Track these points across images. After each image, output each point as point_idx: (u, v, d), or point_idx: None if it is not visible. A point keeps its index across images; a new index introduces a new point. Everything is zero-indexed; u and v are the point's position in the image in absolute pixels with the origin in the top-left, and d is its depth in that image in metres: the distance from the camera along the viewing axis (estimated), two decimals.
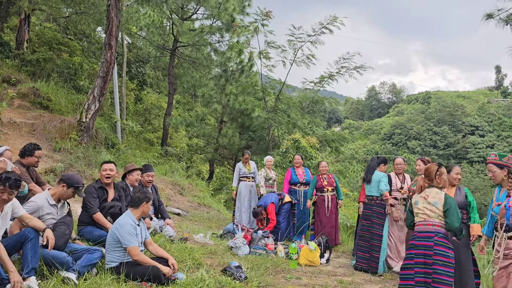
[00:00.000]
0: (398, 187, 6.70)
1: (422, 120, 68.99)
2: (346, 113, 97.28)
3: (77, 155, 9.46)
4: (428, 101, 78.58)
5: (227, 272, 5.01)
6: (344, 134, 20.48)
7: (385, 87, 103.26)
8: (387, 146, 65.65)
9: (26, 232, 3.74)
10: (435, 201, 4.21)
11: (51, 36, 15.56)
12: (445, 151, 62.13)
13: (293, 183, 8.52)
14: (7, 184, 3.55)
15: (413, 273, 4.19)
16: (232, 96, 17.10)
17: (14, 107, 10.89)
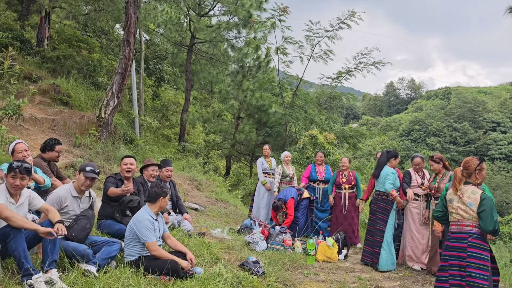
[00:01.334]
0: (418, 183, 6.59)
1: (441, 116, 67.83)
2: (364, 109, 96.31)
3: (96, 150, 9.59)
4: (448, 97, 77.17)
5: (244, 267, 5.00)
6: (362, 130, 20.25)
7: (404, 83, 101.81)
8: (406, 142, 64.80)
9: (45, 225, 3.80)
10: (469, 202, 4.01)
11: (70, 33, 15.80)
12: (466, 148, 61.01)
13: (312, 180, 8.43)
14: (17, 170, 3.67)
15: (447, 275, 4.06)
16: (249, 92, 17.10)
17: (35, 103, 11.09)
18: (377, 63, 17.49)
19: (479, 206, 3.94)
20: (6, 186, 3.73)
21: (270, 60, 17.70)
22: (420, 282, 5.89)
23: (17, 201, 3.76)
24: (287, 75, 19.29)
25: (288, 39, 17.22)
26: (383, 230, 6.39)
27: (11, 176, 3.69)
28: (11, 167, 3.70)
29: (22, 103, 7.38)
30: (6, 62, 8.07)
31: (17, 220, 3.41)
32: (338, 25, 16.68)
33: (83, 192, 4.53)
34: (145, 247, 4.32)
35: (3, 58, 8.32)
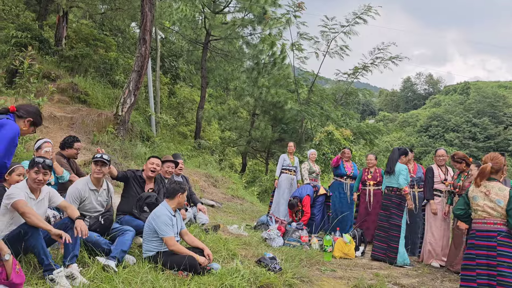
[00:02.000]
0: (442, 179, 6.50)
1: (460, 111, 66.64)
2: (380, 105, 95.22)
3: (114, 148, 9.70)
4: (467, 91, 75.73)
5: (261, 263, 5.00)
6: (378, 126, 20.05)
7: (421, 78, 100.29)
8: (424, 138, 63.89)
9: (66, 220, 3.87)
10: (498, 199, 3.93)
11: (87, 32, 15.98)
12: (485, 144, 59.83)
13: (340, 175, 8.36)
14: (40, 165, 3.75)
15: (474, 275, 3.98)
16: (264, 88, 17.08)
17: (54, 101, 11.27)
18: (394, 58, 17.28)
19: (508, 203, 3.87)
20: (26, 182, 3.80)
21: (285, 56, 17.66)
22: (439, 279, 5.81)
23: (37, 197, 3.83)
24: (302, 71, 19.21)
25: (304, 35, 17.14)
26: (399, 225, 6.39)
27: (34, 171, 3.75)
28: (34, 162, 3.77)
29: (42, 102, 7.51)
30: (26, 61, 8.21)
31: (32, 217, 3.45)
32: (354, 20, 16.55)
33: (100, 184, 4.61)
34: (163, 243, 4.36)
35: (23, 58, 8.46)
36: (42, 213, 3.94)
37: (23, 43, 12.14)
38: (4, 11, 14.00)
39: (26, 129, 3.75)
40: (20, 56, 8.62)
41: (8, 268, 2.72)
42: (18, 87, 8.30)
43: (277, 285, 4.50)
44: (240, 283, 4.17)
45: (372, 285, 5.10)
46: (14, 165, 4.28)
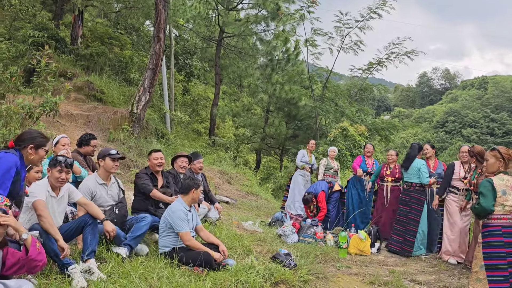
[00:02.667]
0: (460, 177, 6.40)
1: (478, 106, 65.51)
2: (395, 100, 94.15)
3: (129, 145, 9.80)
4: (484, 86, 74.35)
5: (276, 259, 5.00)
6: (394, 122, 19.84)
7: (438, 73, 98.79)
8: (440, 134, 63.03)
9: (86, 217, 3.95)
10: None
11: (103, 31, 16.16)
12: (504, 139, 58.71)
13: (362, 171, 8.28)
14: (63, 164, 3.84)
15: (507, 274, 3.87)
16: (278, 85, 17.04)
17: (71, 100, 11.43)
18: (409, 53, 17.03)
19: None
20: (48, 179, 3.87)
21: (299, 52, 17.56)
22: (456, 276, 5.74)
23: (58, 194, 3.91)
24: (316, 67, 19.09)
25: (318, 31, 17.01)
26: (418, 220, 6.53)
27: (58, 170, 3.84)
28: (57, 161, 3.85)
29: (59, 100, 7.61)
30: (43, 60, 8.32)
31: (46, 222, 3.52)
32: (368, 15, 16.35)
33: (109, 179, 4.68)
34: (179, 239, 4.40)
35: (40, 57, 8.57)
36: (62, 210, 4.03)
37: (40, 42, 12.32)
38: (21, 11, 14.23)
39: (35, 155, 3.56)
40: (37, 55, 8.72)
41: (28, 245, 2.79)
42: (35, 85, 8.41)
43: (292, 281, 4.50)
44: (255, 279, 4.18)
45: (388, 282, 5.07)
46: None
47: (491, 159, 4.18)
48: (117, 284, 3.51)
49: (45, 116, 7.82)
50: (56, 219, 3.85)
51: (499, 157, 4.11)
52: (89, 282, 3.45)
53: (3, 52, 9.26)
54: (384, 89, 21.97)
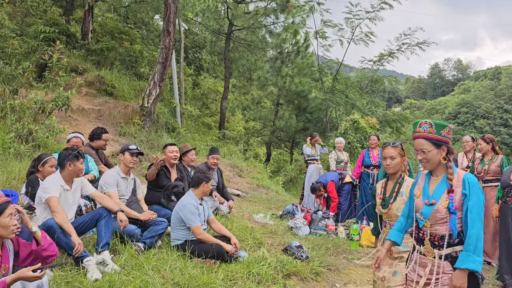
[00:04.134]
0: (463, 166, 6.34)
1: (491, 97, 64.51)
2: (407, 92, 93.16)
3: (141, 139, 9.86)
4: (498, 77, 73.13)
5: (288, 252, 5.01)
6: (405, 114, 19.63)
7: (450, 64, 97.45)
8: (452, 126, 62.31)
9: (100, 210, 4.01)
10: None
11: (113, 26, 16.22)
12: None
13: (366, 165, 8.16)
14: (82, 155, 4.02)
15: None
16: (288, 78, 16.96)
17: (82, 94, 11.52)
18: (421, 44, 16.81)
19: None
20: (60, 173, 3.92)
21: (309, 44, 17.46)
22: None
23: (71, 187, 3.97)
24: (326, 59, 18.97)
25: (327, 23, 16.86)
26: None
27: (81, 162, 3.97)
28: (80, 154, 3.97)
29: (71, 95, 7.68)
30: (54, 55, 8.40)
31: (60, 218, 3.61)
32: (379, 6, 16.15)
33: (129, 173, 4.76)
34: (191, 232, 4.42)
35: (51, 52, 8.65)
36: (76, 202, 4.10)
37: (51, 38, 12.41)
38: (32, 7, 14.31)
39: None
40: (49, 50, 8.81)
41: (38, 237, 2.85)
42: (47, 81, 8.51)
43: (304, 273, 4.51)
44: (267, 271, 4.20)
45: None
46: (47, 157, 4.42)
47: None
48: (130, 275, 3.55)
49: (57, 110, 7.91)
50: (70, 211, 3.91)
51: None
52: (103, 274, 3.49)
53: (15, 48, 9.35)
54: (395, 80, 21.76)
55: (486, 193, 5.75)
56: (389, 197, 3.33)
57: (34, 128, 7.06)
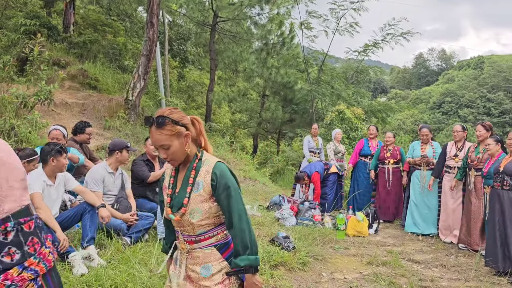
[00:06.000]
0: (451, 155, 6.44)
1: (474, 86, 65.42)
2: (392, 82, 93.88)
3: (126, 132, 9.78)
4: (481, 66, 74.14)
5: (275, 242, 5.05)
6: (390, 104, 19.82)
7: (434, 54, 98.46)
8: (437, 115, 63.08)
9: (85, 204, 3.98)
10: None
11: (95, 18, 15.95)
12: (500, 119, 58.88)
13: (364, 154, 8.24)
14: (65, 150, 3.98)
15: None
16: (273, 69, 16.93)
17: (65, 88, 11.35)
18: (405, 34, 16.90)
19: None
20: (43, 169, 3.87)
21: (294, 35, 17.41)
22: (453, 255, 5.82)
23: (54, 182, 3.93)
24: (312, 50, 18.95)
25: (312, 13, 16.83)
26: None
27: (64, 157, 3.92)
28: (62, 149, 3.92)
29: (53, 88, 7.56)
30: (35, 49, 8.24)
31: (44, 214, 3.56)
32: None
33: (117, 168, 4.73)
34: None
35: (32, 45, 8.48)
36: (59, 197, 4.06)
37: (32, 30, 12.15)
38: (12, 0, 14.00)
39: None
40: (30, 43, 8.64)
41: None
42: (29, 74, 8.35)
43: (291, 263, 4.55)
44: None
45: (386, 261, 5.13)
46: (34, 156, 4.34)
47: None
48: (117, 269, 3.54)
49: (40, 105, 7.78)
50: (54, 207, 3.87)
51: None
52: (89, 269, 3.48)
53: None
54: (380, 71, 21.90)
55: (477, 181, 5.84)
56: (180, 193, 2.00)
57: (16, 123, 6.94)
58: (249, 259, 1.87)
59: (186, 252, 2.01)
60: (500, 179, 4.95)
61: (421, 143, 7.12)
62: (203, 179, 1.95)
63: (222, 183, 1.91)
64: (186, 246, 2.01)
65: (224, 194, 1.90)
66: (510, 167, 4.85)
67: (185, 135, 1.98)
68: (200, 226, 1.95)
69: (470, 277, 4.82)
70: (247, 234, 1.89)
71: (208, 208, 1.94)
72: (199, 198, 1.94)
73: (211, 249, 1.98)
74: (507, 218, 4.84)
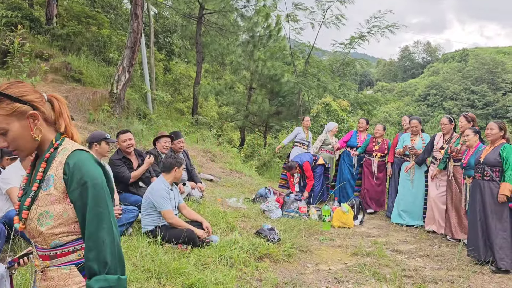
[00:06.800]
0: (438, 147, 6.51)
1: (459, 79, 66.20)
2: (378, 75, 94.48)
3: (110, 126, 9.67)
4: (465, 59, 75.00)
5: (260, 234, 5.06)
6: (376, 96, 19.92)
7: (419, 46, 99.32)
8: (422, 107, 63.75)
9: None
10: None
11: (79, 9, 15.68)
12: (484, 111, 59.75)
13: (351, 146, 8.29)
14: None
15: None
16: (260, 62, 16.87)
17: (48, 81, 11.16)
18: (391, 26, 16.94)
19: None
20: (22, 163, 3.80)
21: (280, 28, 17.35)
22: (436, 244, 5.90)
23: None
24: (298, 43, 18.92)
25: (299, 5, 16.78)
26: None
27: None
28: None
29: (35, 81, 7.42)
30: (16, 41, 8.08)
31: None
32: None
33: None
34: (161, 217, 4.40)
35: (13, 37, 8.31)
36: None
37: (13, 22, 11.89)
38: None
39: None
40: (11, 36, 8.46)
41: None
42: (10, 67, 8.20)
43: (276, 255, 4.57)
44: (239, 254, 4.23)
45: (371, 252, 5.18)
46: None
47: None
48: None
49: None
50: None
51: None
52: None
53: None
54: (367, 63, 22.00)
55: (457, 171, 5.93)
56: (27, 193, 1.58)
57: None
58: (107, 280, 1.41)
59: (40, 271, 1.55)
60: (480, 170, 5.04)
61: (411, 135, 7.18)
62: (54, 172, 1.50)
63: (77, 177, 1.46)
64: (40, 263, 1.55)
65: (78, 192, 1.45)
66: (490, 157, 4.95)
67: (29, 116, 1.50)
68: (53, 236, 1.49)
69: (453, 266, 4.90)
70: (108, 245, 1.43)
71: (61, 211, 1.48)
72: (49, 198, 1.48)
73: (71, 268, 1.52)
74: (487, 208, 4.93)
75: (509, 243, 4.78)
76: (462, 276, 4.53)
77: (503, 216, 4.83)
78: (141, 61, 14.45)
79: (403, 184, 7.05)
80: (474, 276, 4.61)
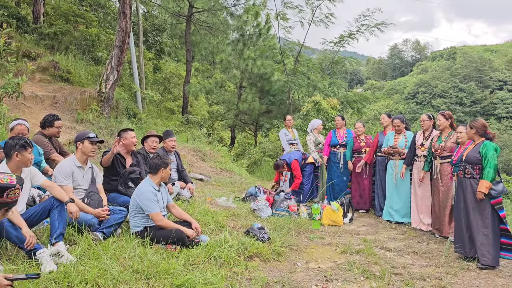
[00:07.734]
0: (418, 144, 6.58)
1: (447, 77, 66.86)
2: (368, 73, 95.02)
3: (99, 126, 9.59)
4: (453, 57, 75.75)
5: (250, 234, 5.05)
6: (366, 94, 20.02)
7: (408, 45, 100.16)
8: (411, 105, 64.30)
9: (52, 199, 3.87)
10: None
11: (66, 8, 15.51)
12: (472, 108, 60.48)
13: (332, 144, 8.30)
14: (30, 144, 3.82)
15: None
16: (250, 60, 16.88)
17: (36, 81, 11.04)
18: (379, 25, 17.09)
19: None
20: (6, 164, 3.74)
21: (270, 26, 17.39)
22: (425, 241, 5.95)
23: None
24: (288, 41, 18.98)
25: (288, 4, 16.84)
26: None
27: (29, 152, 3.77)
28: (27, 143, 3.76)
29: (21, 81, 7.33)
30: (1, 39, 7.97)
31: (10, 213, 3.44)
32: None
33: (86, 162, 4.60)
34: (150, 218, 4.37)
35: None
36: (26, 193, 3.94)
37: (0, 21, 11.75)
38: None
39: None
40: None
41: None
42: None
43: (266, 254, 4.56)
44: (229, 253, 4.22)
45: (360, 250, 5.21)
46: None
47: None
48: (87, 265, 3.48)
49: (8, 98, 7.54)
50: (20, 203, 3.75)
51: None
52: (58, 265, 3.40)
53: None
54: (356, 62, 22.09)
55: (443, 169, 5.98)
56: None
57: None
58: None
59: None
60: (463, 167, 5.12)
61: (395, 134, 7.24)
62: None
63: None
64: None
65: None
66: (471, 155, 5.02)
67: None
68: None
69: (441, 263, 4.95)
70: None
71: None
72: None
73: None
74: (469, 205, 5.01)
75: (490, 240, 4.84)
76: (449, 273, 4.57)
77: (484, 213, 4.90)
78: (130, 60, 14.36)
79: (390, 183, 7.10)
80: (462, 273, 4.65)
